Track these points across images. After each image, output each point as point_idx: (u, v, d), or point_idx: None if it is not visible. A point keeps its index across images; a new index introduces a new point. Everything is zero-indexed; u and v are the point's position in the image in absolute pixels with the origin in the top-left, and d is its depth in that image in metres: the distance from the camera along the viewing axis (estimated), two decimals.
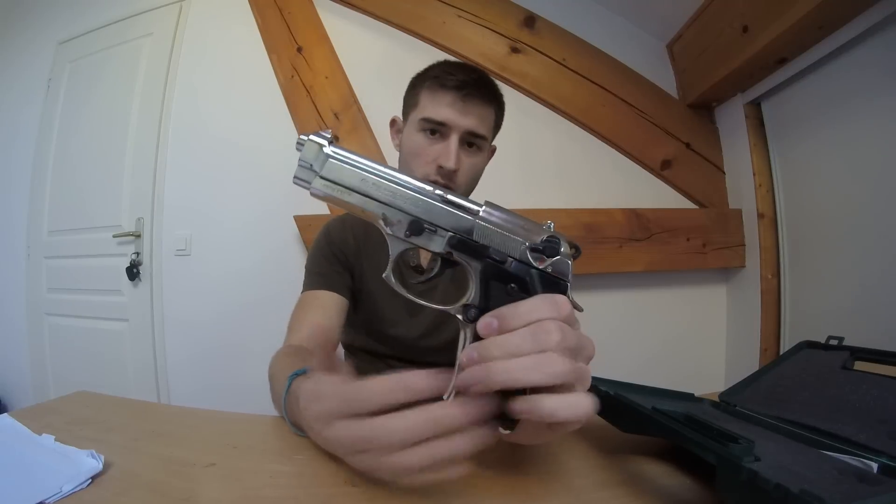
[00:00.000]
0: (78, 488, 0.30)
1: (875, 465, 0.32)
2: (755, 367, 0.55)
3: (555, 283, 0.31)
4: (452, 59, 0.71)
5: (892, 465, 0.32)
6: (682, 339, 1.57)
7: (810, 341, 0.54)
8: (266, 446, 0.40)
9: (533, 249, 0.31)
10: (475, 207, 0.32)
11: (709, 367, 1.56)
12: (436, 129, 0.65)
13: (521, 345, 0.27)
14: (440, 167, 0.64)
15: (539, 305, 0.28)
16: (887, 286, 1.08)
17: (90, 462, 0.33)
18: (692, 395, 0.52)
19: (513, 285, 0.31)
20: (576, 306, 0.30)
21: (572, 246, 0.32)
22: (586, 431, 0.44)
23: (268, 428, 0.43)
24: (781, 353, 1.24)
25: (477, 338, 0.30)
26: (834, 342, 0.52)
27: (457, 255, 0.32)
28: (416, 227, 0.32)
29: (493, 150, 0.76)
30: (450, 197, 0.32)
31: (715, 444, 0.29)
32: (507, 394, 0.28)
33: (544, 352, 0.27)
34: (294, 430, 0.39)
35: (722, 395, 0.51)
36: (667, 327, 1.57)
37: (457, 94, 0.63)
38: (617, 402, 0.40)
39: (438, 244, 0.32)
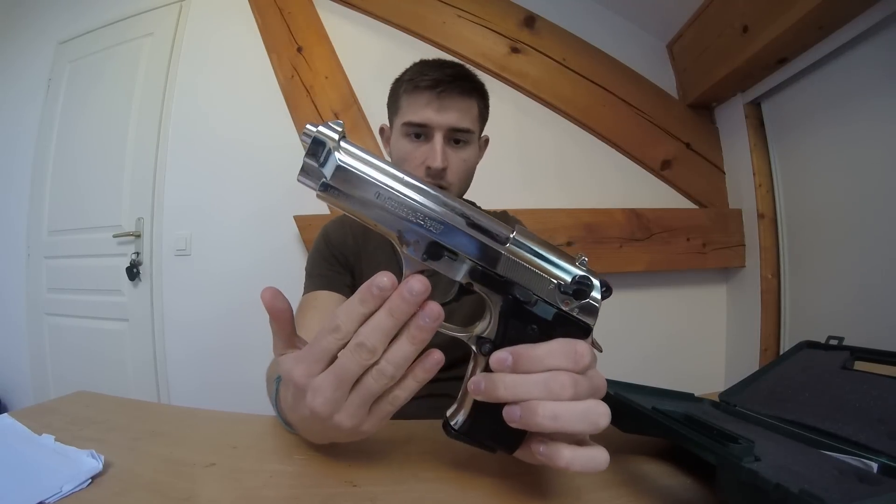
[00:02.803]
0: (78, 488, 0.30)
1: (875, 465, 0.32)
2: (755, 367, 0.55)
3: (578, 326, 0.29)
4: (429, 58, 0.70)
5: (892, 465, 0.32)
6: (682, 339, 1.57)
7: (810, 341, 0.54)
8: (266, 446, 0.40)
9: (562, 291, 0.28)
10: (504, 234, 0.29)
11: (709, 367, 1.56)
12: (419, 132, 0.65)
13: (531, 392, 0.27)
14: (429, 168, 0.64)
15: (557, 352, 0.27)
16: (887, 286, 1.08)
17: (90, 462, 0.33)
18: (692, 395, 0.52)
19: (534, 327, 0.29)
20: (596, 347, 0.30)
21: (603, 285, 0.29)
22: None
23: (268, 428, 0.43)
24: (781, 353, 1.24)
25: (487, 369, 0.29)
26: (834, 342, 0.52)
27: (477, 288, 0.29)
28: (435, 251, 0.28)
29: (485, 141, 0.76)
30: (477, 220, 0.29)
31: (715, 444, 0.29)
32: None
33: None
34: (287, 429, 0.39)
35: (722, 395, 0.51)
36: (667, 327, 1.57)
37: (432, 92, 0.63)
38: (617, 402, 0.40)
39: (459, 272, 0.29)
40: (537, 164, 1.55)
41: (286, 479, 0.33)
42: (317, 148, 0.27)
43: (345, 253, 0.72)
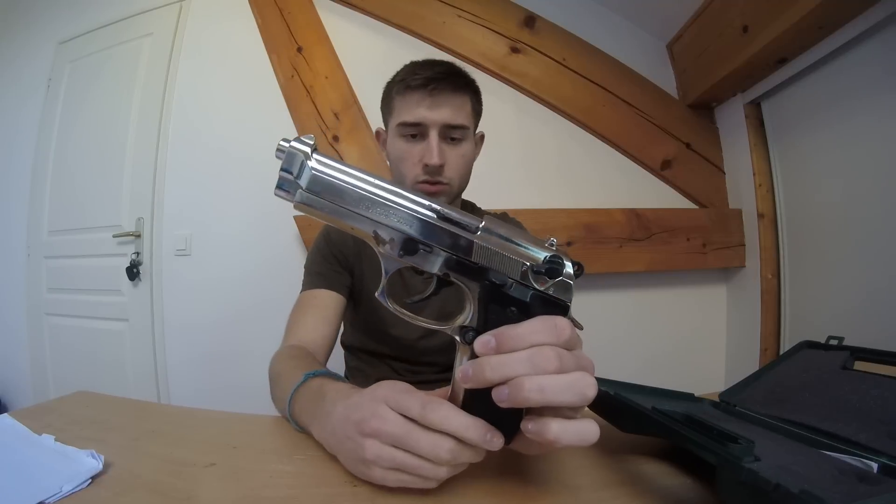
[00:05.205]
0: (78, 488, 0.30)
1: (875, 465, 0.32)
2: (755, 367, 0.55)
3: (556, 305, 0.30)
4: (420, 59, 0.70)
5: (892, 465, 0.32)
6: (683, 339, 1.57)
7: (810, 341, 0.54)
8: (266, 446, 0.40)
9: (535, 271, 0.30)
10: (474, 224, 0.30)
11: (709, 366, 1.56)
12: (414, 132, 0.66)
13: (517, 369, 0.27)
14: (426, 165, 0.64)
15: (538, 329, 0.28)
16: (887, 286, 1.08)
17: (90, 462, 0.33)
18: (692, 395, 0.52)
19: (513, 309, 0.30)
20: (576, 325, 0.30)
21: (575, 264, 0.30)
22: None
23: (268, 428, 0.43)
24: (781, 353, 1.24)
25: (474, 357, 0.29)
26: (834, 342, 0.52)
27: (454, 277, 0.30)
28: (411, 246, 0.30)
29: (481, 138, 0.76)
30: (447, 213, 0.30)
31: (715, 444, 0.29)
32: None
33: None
34: (296, 428, 0.40)
35: (722, 395, 0.51)
36: (667, 327, 1.57)
37: (423, 91, 0.64)
38: (617, 402, 0.40)
39: (434, 264, 0.30)
40: (537, 164, 1.55)
41: (286, 479, 0.33)
42: (291, 161, 0.29)
43: (345, 253, 0.72)
